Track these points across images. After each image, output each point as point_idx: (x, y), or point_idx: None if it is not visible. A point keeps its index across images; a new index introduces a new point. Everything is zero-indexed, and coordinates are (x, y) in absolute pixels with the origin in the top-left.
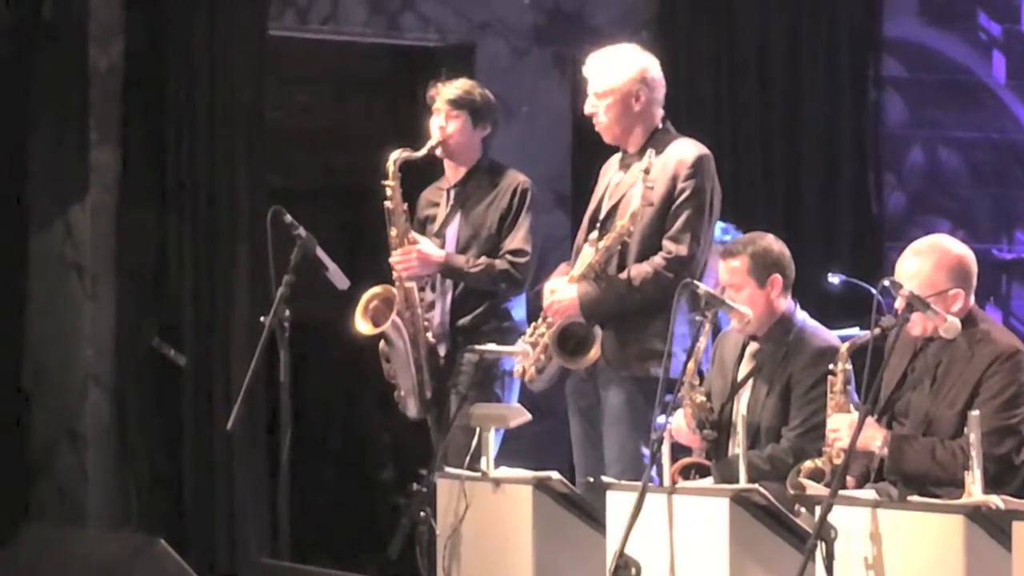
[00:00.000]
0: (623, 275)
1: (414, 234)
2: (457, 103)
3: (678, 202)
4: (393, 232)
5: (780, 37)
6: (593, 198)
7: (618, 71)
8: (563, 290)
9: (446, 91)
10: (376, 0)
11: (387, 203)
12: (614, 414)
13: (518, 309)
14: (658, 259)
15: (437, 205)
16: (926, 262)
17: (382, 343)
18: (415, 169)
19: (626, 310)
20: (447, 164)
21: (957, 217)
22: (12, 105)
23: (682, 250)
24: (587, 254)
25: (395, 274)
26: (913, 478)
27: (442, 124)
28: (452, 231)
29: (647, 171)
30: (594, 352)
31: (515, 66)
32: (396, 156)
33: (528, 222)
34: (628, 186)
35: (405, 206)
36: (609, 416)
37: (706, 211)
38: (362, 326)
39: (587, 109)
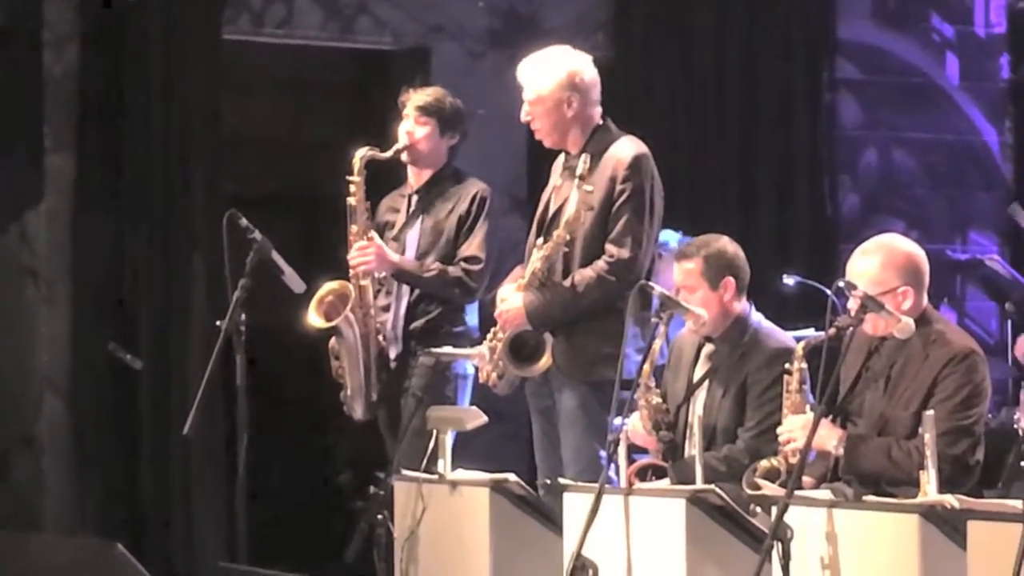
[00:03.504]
0: (567, 282)
1: (373, 233)
2: (426, 110)
3: (617, 204)
4: (354, 228)
5: (735, 39)
6: (541, 201)
7: (546, 78)
8: (511, 299)
9: (416, 97)
10: (331, 4)
11: (350, 199)
12: (569, 418)
13: (472, 315)
14: (601, 263)
15: (397, 211)
16: (873, 261)
17: (333, 339)
18: (378, 176)
19: (572, 316)
20: (411, 170)
21: (911, 218)
22: None
23: (624, 253)
24: (534, 259)
25: (351, 271)
26: (869, 477)
27: (410, 129)
28: (413, 236)
29: (582, 177)
30: (545, 360)
31: (470, 69)
32: (362, 153)
33: (484, 229)
34: (570, 189)
35: (368, 204)
36: (564, 419)
37: (646, 211)
38: (315, 320)
39: (523, 117)
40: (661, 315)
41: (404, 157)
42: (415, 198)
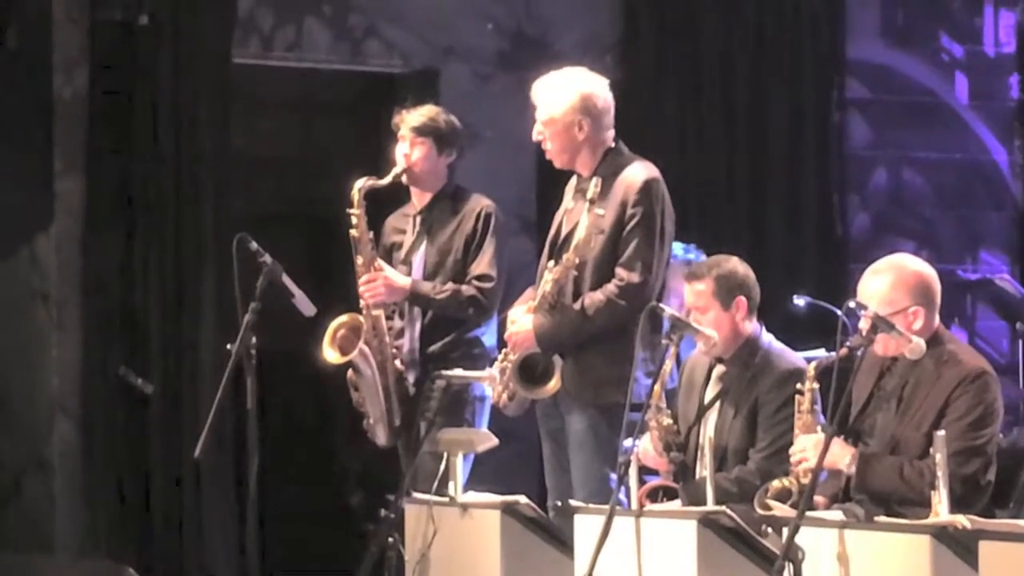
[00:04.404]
0: (576, 305)
1: (380, 261)
2: (421, 130)
3: (628, 228)
4: (359, 260)
5: (744, 59)
6: (553, 223)
7: (558, 100)
8: (521, 321)
9: (410, 118)
10: (340, 27)
11: (352, 231)
12: (577, 440)
13: (489, 336)
14: (611, 287)
15: (403, 232)
16: (884, 280)
17: (350, 371)
18: (381, 195)
19: (581, 340)
20: (413, 191)
21: (921, 238)
22: None
23: (634, 277)
24: (544, 282)
25: (362, 302)
26: (880, 496)
27: (407, 151)
28: (419, 257)
29: (593, 201)
30: (554, 383)
31: (479, 91)
32: (361, 184)
33: (493, 246)
34: (581, 212)
35: (371, 234)
36: (573, 442)
37: (657, 236)
38: (330, 355)
39: (534, 136)
40: (672, 336)
41: (404, 180)
42: (419, 219)
